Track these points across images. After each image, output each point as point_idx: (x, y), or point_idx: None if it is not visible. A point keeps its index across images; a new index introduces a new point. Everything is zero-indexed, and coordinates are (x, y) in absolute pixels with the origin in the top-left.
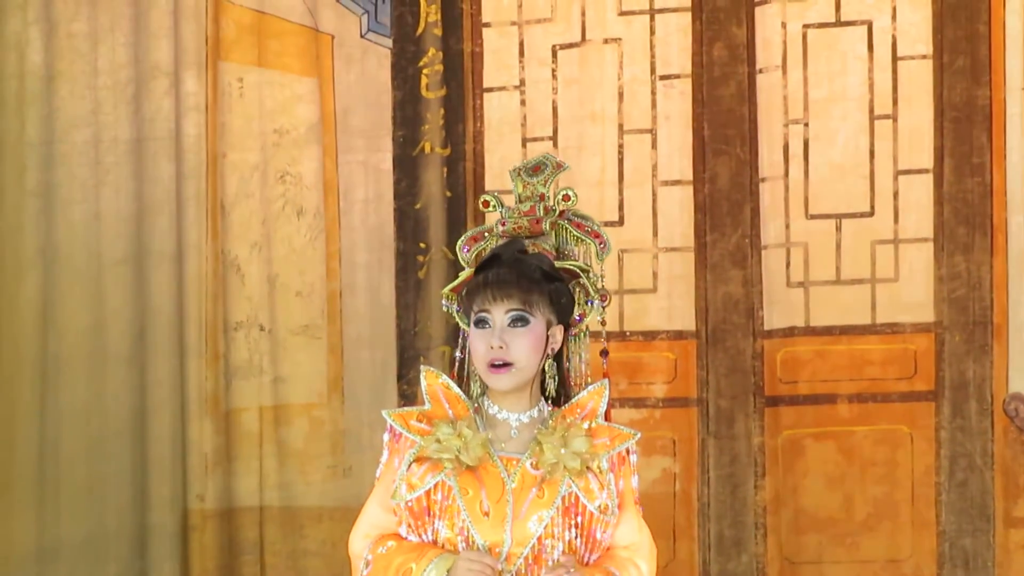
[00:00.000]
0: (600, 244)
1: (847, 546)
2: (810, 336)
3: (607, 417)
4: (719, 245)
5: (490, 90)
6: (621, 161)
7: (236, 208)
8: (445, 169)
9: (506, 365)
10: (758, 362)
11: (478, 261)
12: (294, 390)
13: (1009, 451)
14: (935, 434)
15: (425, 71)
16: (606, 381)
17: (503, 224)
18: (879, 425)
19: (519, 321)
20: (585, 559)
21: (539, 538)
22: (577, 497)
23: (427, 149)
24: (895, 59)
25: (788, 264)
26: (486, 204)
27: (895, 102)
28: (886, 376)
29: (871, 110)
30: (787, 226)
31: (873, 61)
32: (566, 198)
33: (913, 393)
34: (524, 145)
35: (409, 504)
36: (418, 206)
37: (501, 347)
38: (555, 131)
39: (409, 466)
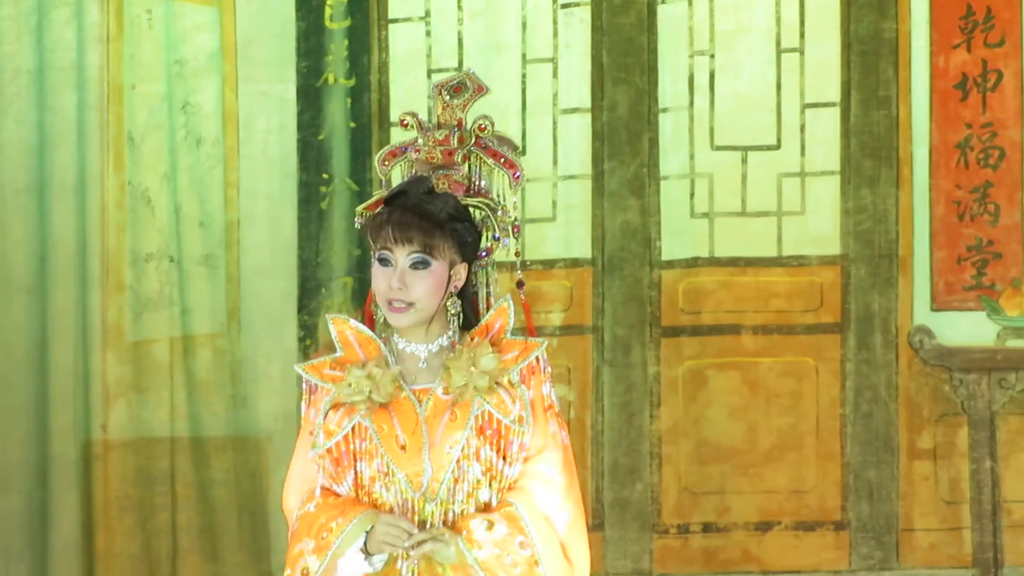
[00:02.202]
0: (514, 175)
1: (750, 476)
2: (714, 267)
3: (532, 334)
4: (617, 173)
5: (395, 21)
6: (524, 91)
7: (146, 139)
8: (349, 100)
9: (407, 305)
10: (655, 292)
11: (390, 186)
12: (198, 321)
13: (914, 383)
14: (840, 366)
15: (329, 2)
16: (508, 296)
17: (416, 151)
18: (784, 357)
19: (420, 264)
20: (505, 473)
21: (457, 460)
22: (491, 414)
23: (331, 80)
24: None
25: (692, 195)
26: (404, 123)
27: (802, 35)
28: (792, 308)
29: (778, 43)
30: (691, 157)
31: None
32: (482, 128)
33: (819, 325)
34: (429, 76)
35: (330, 451)
36: (321, 137)
37: (401, 288)
38: (460, 62)
39: (326, 415)
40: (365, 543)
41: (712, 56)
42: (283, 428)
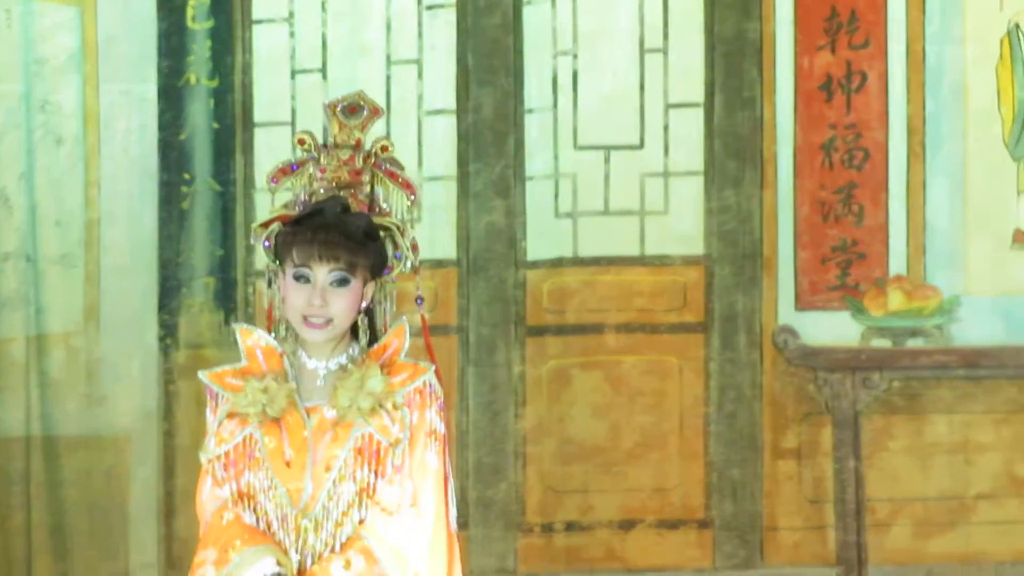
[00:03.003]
0: (410, 195)
1: (613, 475)
2: (578, 267)
3: (429, 350)
4: (482, 175)
5: (259, 22)
6: (388, 92)
7: (4, 139)
8: (212, 101)
9: (326, 322)
10: (520, 291)
11: (294, 203)
12: (53, 320)
13: (778, 383)
14: (704, 365)
15: (191, 2)
16: (404, 318)
17: (322, 171)
18: (647, 355)
19: (341, 282)
20: (381, 493)
21: (333, 480)
22: (371, 435)
23: (193, 80)
24: None
25: (556, 195)
26: (302, 142)
27: (665, 36)
28: (655, 307)
29: (641, 43)
30: (555, 157)
31: None
32: (384, 148)
33: (682, 324)
34: (293, 77)
35: (218, 457)
36: (183, 137)
37: (323, 305)
38: (324, 63)
39: (220, 423)
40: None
41: (575, 56)
42: (143, 427)
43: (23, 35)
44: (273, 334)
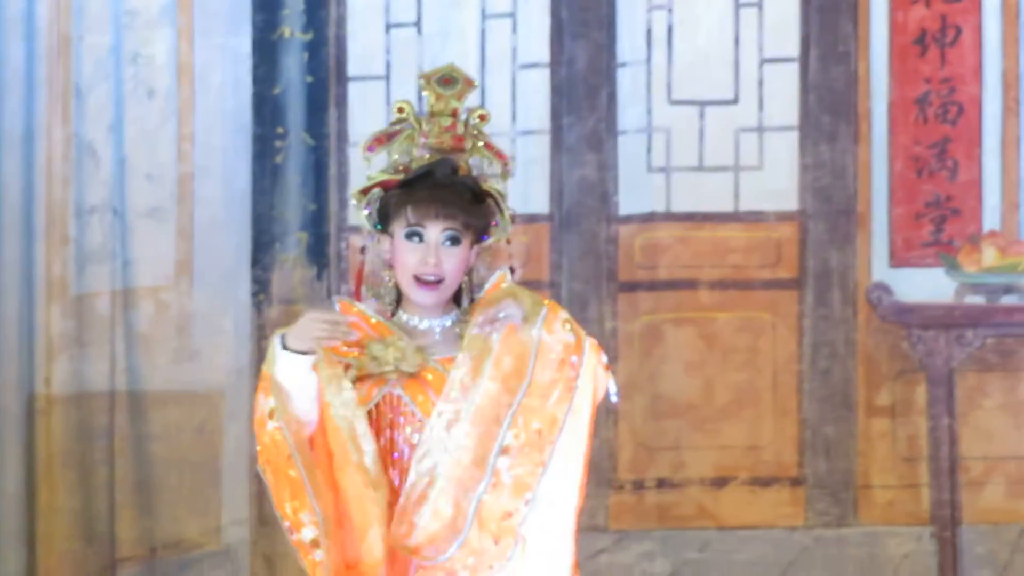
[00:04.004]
0: (505, 166)
1: (706, 432)
2: (671, 222)
3: None
4: (575, 129)
5: None
6: (483, 46)
7: (93, 91)
8: (306, 54)
9: (438, 282)
10: (612, 247)
11: (396, 168)
12: (141, 274)
13: (871, 340)
14: (798, 322)
15: None
16: (505, 268)
17: (425, 137)
18: (741, 312)
19: (453, 241)
20: None
21: None
22: None
23: (287, 34)
24: None
25: (649, 150)
26: (401, 111)
27: None
28: (749, 263)
29: None
30: (649, 111)
31: None
32: (483, 117)
33: (776, 281)
34: (388, 31)
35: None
36: (276, 91)
37: (436, 264)
38: (419, 17)
39: (353, 387)
40: (283, 338)
41: (670, 10)
42: (236, 383)
43: None
44: (364, 302)
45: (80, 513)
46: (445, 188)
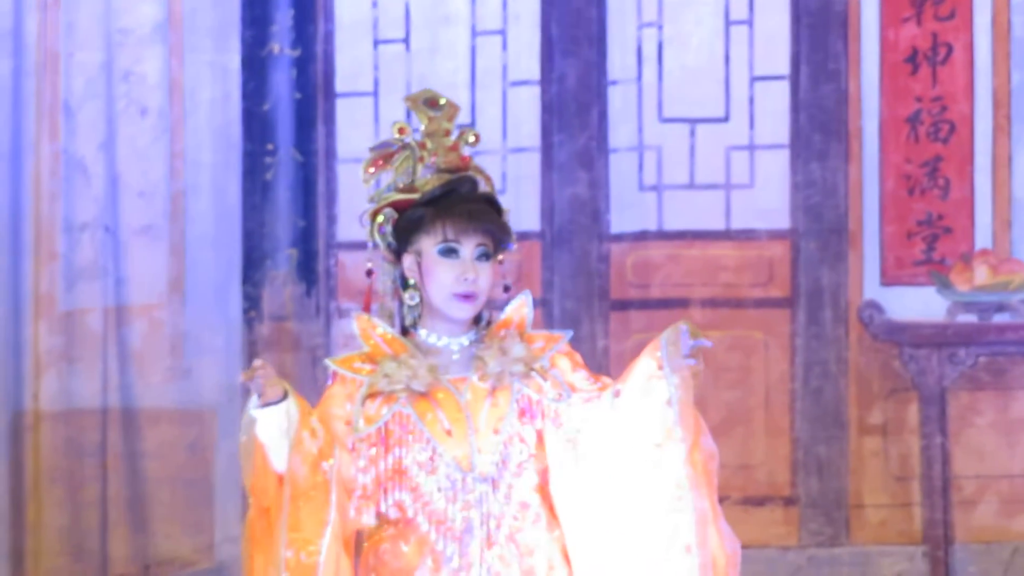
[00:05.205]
0: (493, 186)
1: None
2: (663, 240)
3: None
4: (566, 146)
5: None
6: (473, 63)
7: (83, 108)
8: (295, 70)
9: (474, 296)
10: (604, 265)
11: (399, 188)
12: (134, 291)
13: (863, 358)
14: (790, 341)
15: None
16: (527, 292)
17: (435, 156)
18: (732, 331)
19: (484, 256)
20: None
21: (504, 443)
22: (530, 397)
23: (275, 50)
24: None
25: (641, 168)
26: (403, 131)
27: (751, 7)
28: (740, 282)
29: (727, 14)
30: (640, 129)
31: None
32: (475, 140)
33: (768, 299)
34: (376, 47)
35: (368, 436)
36: (266, 107)
37: (475, 279)
38: (408, 33)
39: (364, 403)
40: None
41: (660, 28)
42: (227, 401)
43: (103, 4)
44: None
45: (69, 530)
46: (479, 203)
